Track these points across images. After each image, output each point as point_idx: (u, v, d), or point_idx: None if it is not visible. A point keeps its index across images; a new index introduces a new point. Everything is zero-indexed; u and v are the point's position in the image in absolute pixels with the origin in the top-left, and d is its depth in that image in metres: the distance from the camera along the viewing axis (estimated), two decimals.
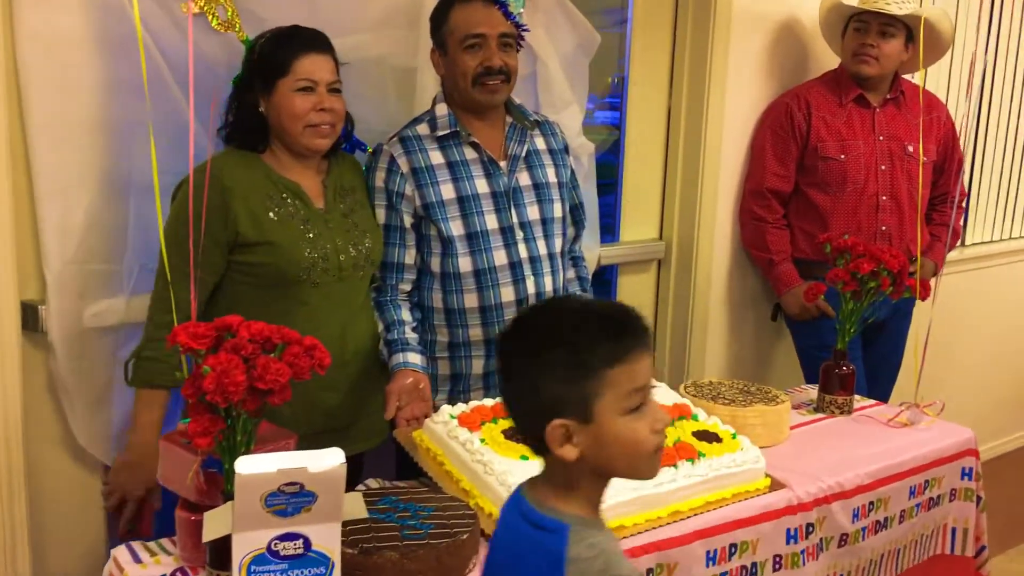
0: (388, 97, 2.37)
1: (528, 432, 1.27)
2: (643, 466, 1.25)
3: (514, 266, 2.17)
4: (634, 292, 3.13)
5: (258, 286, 1.94)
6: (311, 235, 1.95)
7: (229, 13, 2.07)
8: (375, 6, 2.28)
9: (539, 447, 1.26)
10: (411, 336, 2.12)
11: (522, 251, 2.18)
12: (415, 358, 2.08)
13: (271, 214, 1.92)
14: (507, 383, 1.27)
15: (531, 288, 2.18)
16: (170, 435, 1.62)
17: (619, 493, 1.72)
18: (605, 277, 3.09)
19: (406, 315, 2.14)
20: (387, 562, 1.50)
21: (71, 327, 1.98)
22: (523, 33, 2.18)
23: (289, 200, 1.96)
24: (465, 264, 2.14)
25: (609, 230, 3.08)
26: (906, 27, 2.82)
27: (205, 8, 2.04)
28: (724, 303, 3.14)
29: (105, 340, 2.04)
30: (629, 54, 2.97)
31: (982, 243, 3.97)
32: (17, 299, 1.95)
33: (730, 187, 3.07)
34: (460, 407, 1.94)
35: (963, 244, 3.82)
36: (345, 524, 1.47)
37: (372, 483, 1.93)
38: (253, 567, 1.34)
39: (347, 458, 1.38)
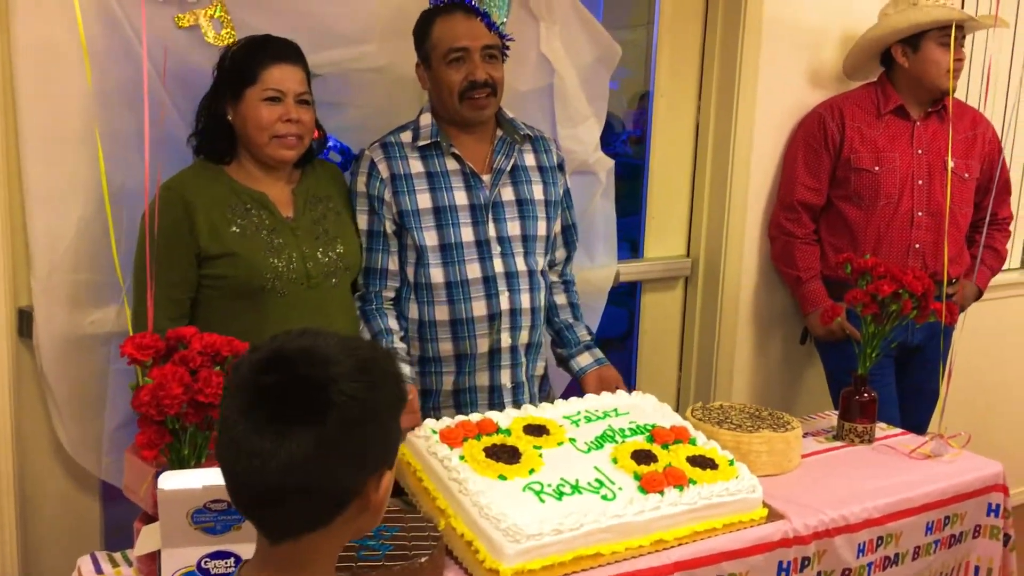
0: (395, 107, 2.34)
1: (329, 494, 1.00)
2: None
3: (488, 280, 2.11)
4: (659, 310, 3.04)
5: (228, 298, 1.93)
6: (276, 244, 1.93)
7: (225, 27, 2.07)
8: (378, 17, 2.26)
9: (308, 522, 1.01)
10: (399, 346, 2.10)
11: (497, 265, 2.12)
12: (403, 369, 2.04)
13: (233, 227, 1.91)
14: (333, 432, 0.97)
15: (505, 304, 2.13)
16: (133, 446, 1.61)
17: (597, 520, 1.65)
18: (628, 292, 3.01)
19: (392, 323, 2.11)
20: None
21: (59, 335, 2.00)
22: (507, 43, 2.13)
23: (253, 211, 1.94)
24: (437, 275, 2.10)
25: (634, 246, 2.99)
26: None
27: (200, 21, 2.04)
28: (753, 323, 3.02)
29: (96, 350, 2.05)
30: (655, 64, 2.90)
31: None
32: (10, 305, 1.97)
33: (760, 203, 2.95)
34: (445, 421, 1.88)
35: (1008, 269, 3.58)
36: None
37: None
38: None
39: None
